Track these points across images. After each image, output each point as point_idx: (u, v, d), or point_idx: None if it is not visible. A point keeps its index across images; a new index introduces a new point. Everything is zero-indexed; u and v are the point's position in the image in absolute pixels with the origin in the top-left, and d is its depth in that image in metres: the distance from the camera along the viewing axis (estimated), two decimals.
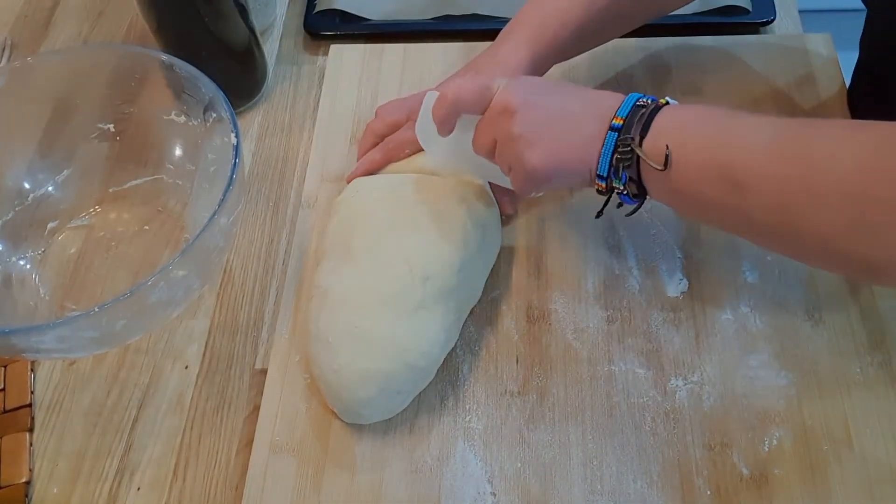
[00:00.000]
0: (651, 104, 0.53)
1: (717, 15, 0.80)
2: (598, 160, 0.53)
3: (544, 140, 0.54)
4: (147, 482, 0.59)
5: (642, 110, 0.52)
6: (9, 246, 0.66)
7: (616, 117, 0.53)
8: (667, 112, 0.52)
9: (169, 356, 0.64)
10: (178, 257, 0.52)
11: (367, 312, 0.57)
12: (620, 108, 0.53)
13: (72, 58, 0.69)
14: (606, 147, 0.53)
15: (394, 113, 0.67)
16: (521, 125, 0.54)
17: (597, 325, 0.62)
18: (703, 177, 0.50)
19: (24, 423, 0.61)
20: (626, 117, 0.52)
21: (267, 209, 0.72)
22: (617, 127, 0.52)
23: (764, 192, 0.48)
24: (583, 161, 0.54)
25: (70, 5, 0.90)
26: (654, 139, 0.51)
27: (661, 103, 0.53)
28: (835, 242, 0.46)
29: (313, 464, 0.57)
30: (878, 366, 0.59)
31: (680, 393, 0.58)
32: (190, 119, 0.66)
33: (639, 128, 0.52)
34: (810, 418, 0.57)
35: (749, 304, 0.62)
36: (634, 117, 0.52)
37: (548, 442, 0.57)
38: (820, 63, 0.75)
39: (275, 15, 0.86)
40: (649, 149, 0.51)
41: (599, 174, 0.54)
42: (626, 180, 0.53)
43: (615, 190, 0.54)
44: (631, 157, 0.52)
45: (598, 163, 0.53)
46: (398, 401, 0.58)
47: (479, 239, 0.61)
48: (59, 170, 0.69)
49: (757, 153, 0.49)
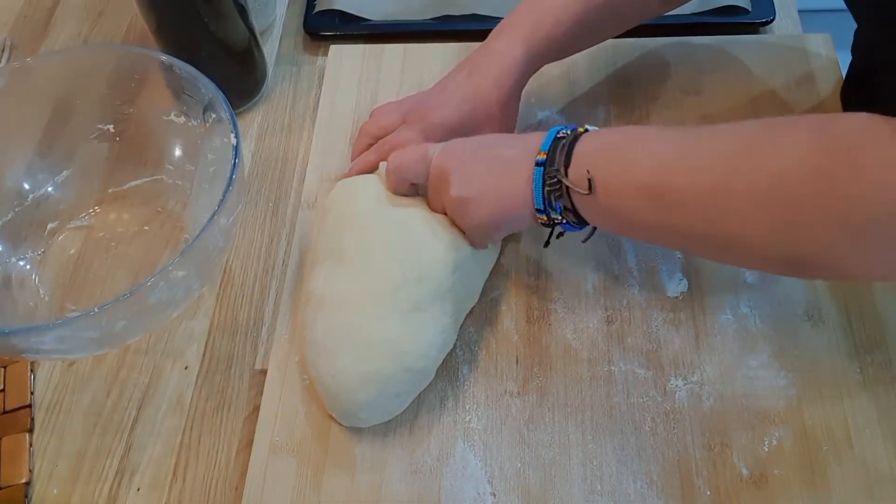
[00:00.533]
0: (570, 134, 0.55)
1: (716, 15, 0.80)
2: (533, 197, 0.55)
3: (481, 196, 0.57)
4: (147, 483, 0.59)
5: (562, 141, 0.54)
6: (8, 246, 0.66)
7: (540, 152, 0.55)
8: (586, 139, 0.54)
9: (169, 356, 0.64)
10: (177, 258, 0.52)
11: (363, 315, 0.57)
12: (543, 143, 0.55)
13: (71, 58, 0.69)
14: (536, 182, 0.55)
15: (389, 115, 0.67)
16: (457, 187, 0.57)
17: (597, 325, 0.62)
18: (630, 197, 0.52)
19: (24, 423, 0.61)
20: (548, 151, 0.54)
21: (267, 209, 0.72)
22: (541, 162, 0.54)
23: (688, 206, 0.50)
24: (521, 203, 0.56)
25: (70, 5, 0.90)
26: (576, 167, 0.53)
27: (580, 132, 0.55)
28: (761, 246, 0.48)
29: (313, 464, 0.57)
30: (878, 366, 0.59)
31: (680, 393, 0.58)
32: (190, 119, 0.66)
33: (562, 158, 0.54)
34: (810, 418, 0.57)
35: (749, 304, 0.62)
36: (556, 149, 0.54)
37: (548, 442, 0.57)
38: (819, 63, 0.75)
39: (274, 15, 0.86)
40: (574, 176, 0.53)
41: (537, 208, 0.55)
42: (560, 210, 0.55)
43: (555, 221, 0.56)
44: (560, 188, 0.54)
45: (532, 199, 0.55)
46: (397, 403, 0.58)
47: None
48: (59, 170, 0.69)
49: (678, 168, 0.50)
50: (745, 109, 0.72)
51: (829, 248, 0.46)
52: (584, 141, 0.54)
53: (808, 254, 0.47)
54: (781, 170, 0.46)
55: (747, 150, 0.48)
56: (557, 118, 0.73)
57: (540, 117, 0.73)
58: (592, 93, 0.75)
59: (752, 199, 0.47)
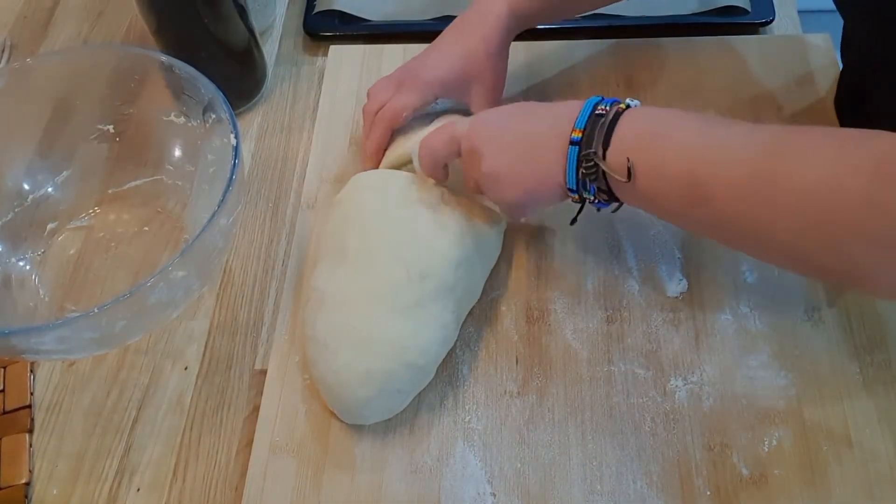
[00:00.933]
0: (611, 111, 0.52)
1: (716, 15, 0.80)
2: (565, 177, 0.54)
3: (512, 172, 0.56)
4: (147, 483, 0.59)
5: (602, 119, 0.52)
6: (8, 247, 0.66)
7: (575, 130, 0.53)
8: (628, 119, 0.52)
9: (169, 357, 0.64)
10: (177, 258, 0.52)
11: (365, 312, 0.57)
12: (578, 119, 0.53)
13: (71, 58, 0.69)
14: (570, 163, 0.53)
15: (384, 90, 0.68)
16: (487, 163, 0.56)
17: (596, 325, 0.62)
18: (671, 187, 0.51)
19: (24, 424, 0.61)
20: (584, 129, 0.52)
21: (266, 210, 0.72)
22: (576, 141, 0.52)
23: (729, 205, 0.49)
24: (552, 182, 0.55)
25: (70, 6, 0.90)
26: (616, 151, 0.51)
27: (622, 108, 0.53)
28: (797, 252, 0.47)
29: (313, 464, 0.57)
30: (878, 366, 0.59)
31: (679, 393, 0.58)
32: (189, 120, 0.66)
33: (600, 139, 0.52)
34: (810, 418, 0.57)
35: (749, 304, 0.62)
36: (594, 128, 0.52)
37: (547, 442, 0.57)
38: (819, 63, 0.75)
39: (274, 16, 0.86)
40: (613, 161, 0.51)
41: (570, 188, 0.54)
42: (594, 192, 0.54)
43: (588, 200, 0.55)
44: (596, 171, 0.52)
45: (565, 179, 0.54)
46: (398, 400, 0.58)
47: (477, 237, 0.62)
48: (59, 171, 0.69)
49: (724, 166, 0.49)
50: (745, 109, 0.72)
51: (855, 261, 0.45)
52: (626, 121, 0.52)
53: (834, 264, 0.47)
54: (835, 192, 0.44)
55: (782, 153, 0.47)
56: None
57: None
58: (592, 93, 0.74)
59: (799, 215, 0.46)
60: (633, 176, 0.51)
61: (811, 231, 0.46)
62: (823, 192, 0.44)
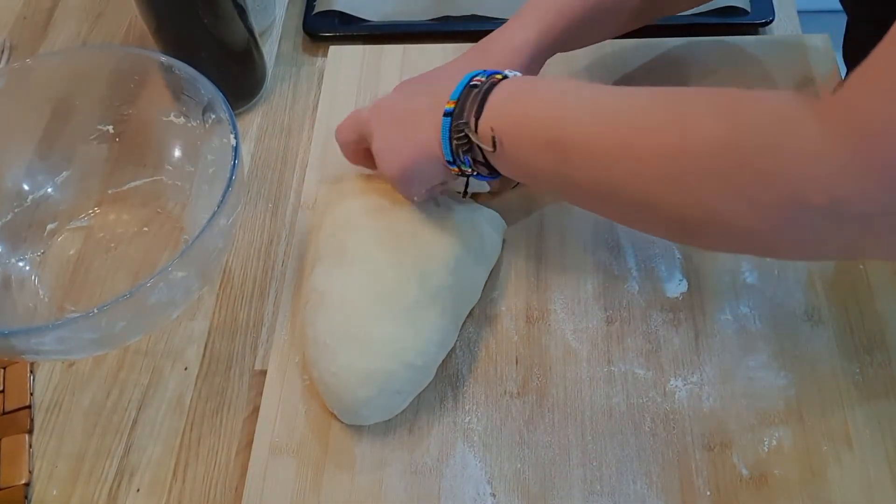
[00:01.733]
0: (486, 81, 0.52)
1: (715, 15, 0.80)
2: (442, 149, 0.54)
3: (394, 146, 0.57)
4: (146, 483, 0.59)
5: (475, 90, 0.52)
6: (8, 247, 0.66)
7: (449, 101, 0.53)
8: (500, 88, 0.52)
9: (168, 357, 0.64)
10: (177, 258, 0.52)
11: (364, 313, 0.57)
12: (454, 92, 0.53)
13: (71, 59, 0.69)
14: (444, 134, 0.53)
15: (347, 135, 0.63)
16: (377, 140, 0.57)
17: (596, 325, 0.62)
18: (534, 151, 0.50)
19: (24, 424, 0.61)
20: (458, 100, 0.52)
21: (266, 210, 0.72)
22: (449, 112, 0.52)
23: (587, 160, 0.48)
24: (432, 155, 0.55)
25: (69, 6, 0.90)
26: (485, 121, 0.51)
27: (497, 79, 0.53)
28: (653, 204, 0.46)
29: (313, 465, 0.57)
30: (877, 366, 0.59)
31: (679, 393, 0.58)
32: (189, 120, 0.66)
33: (472, 109, 0.52)
34: (810, 418, 0.57)
35: (748, 304, 0.62)
36: (467, 100, 0.52)
37: (547, 443, 0.57)
38: (818, 63, 0.75)
39: (274, 16, 0.86)
40: (483, 131, 0.51)
41: (447, 160, 0.54)
42: (470, 163, 0.54)
43: (467, 173, 0.55)
44: (468, 142, 0.52)
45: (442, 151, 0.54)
46: (398, 401, 0.58)
47: (475, 237, 0.62)
48: (59, 171, 0.69)
49: (581, 123, 0.48)
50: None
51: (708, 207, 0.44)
52: (498, 91, 0.52)
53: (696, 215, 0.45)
54: (690, 139, 0.43)
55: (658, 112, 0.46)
56: None
57: None
58: None
59: (653, 164, 0.45)
60: (499, 143, 0.51)
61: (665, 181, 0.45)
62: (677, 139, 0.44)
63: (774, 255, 0.59)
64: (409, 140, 0.56)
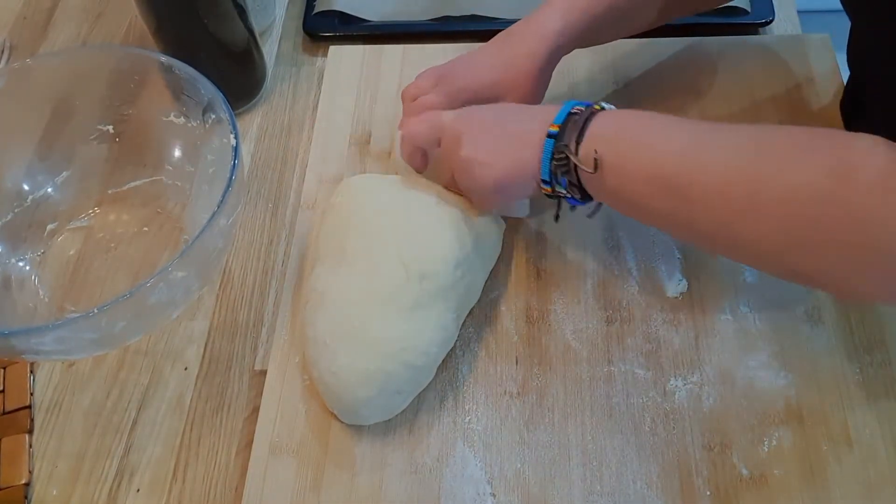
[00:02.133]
0: (585, 111, 0.55)
1: (716, 15, 0.80)
2: (540, 167, 0.55)
3: (489, 158, 0.57)
4: (146, 483, 0.59)
5: (576, 117, 0.55)
6: (8, 247, 0.66)
7: (552, 125, 0.55)
8: (600, 118, 0.54)
9: (168, 357, 0.64)
10: (177, 258, 0.52)
11: (364, 313, 0.57)
12: (557, 116, 0.55)
13: (71, 59, 0.69)
14: (545, 154, 0.55)
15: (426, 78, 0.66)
16: (466, 148, 0.58)
17: (596, 325, 0.62)
18: (637, 182, 0.52)
19: (24, 424, 0.61)
20: (561, 124, 0.55)
21: (266, 210, 0.72)
22: (553, 134, 0.55)
23: (709, 206, 0.50)
24: (528, 171, 0.56)
25: (69, 7, 0.90)
26: (587, 145, 0.53)
27: (596, 109, 0.55)
28: (772, 256, 0.49)
29: (313, 465, 0.57)
30: (877, 366, 0.59)
31: (679, 393, 0.58)
32: (189, 120, 0.66)
33: (573, 134, 0.54)
34: (810, 418, 0.57)
35: (748, 304, 0.62)
36: (568, 124, 0.54)
37: (547, 443, 0.57)
38: (818, 64, 0.75)
39: (274, 16, 0.86)
40: (583, 154, 0.53)
41: (543, 180, 0.56)
42: (566, 185, 0.55)
43: (560, 194, 0.56)
44: (567, 163, 0.54)
45: (539, 170, 0.56)
46: (398, 401, 0.58)
47: (477, 237, 0.62)
48: (59, 171, 0.69)
49: (689, 162, 0.50)
50: (744, 109, 0.72)
51: (832, 269, 0.47)
52: (597, 120, 0.54)
53: (811, 270, 0.48)
54: (793, 185, 0.46)
55: (762, 157, 0.48)
56: None
57: None
58: (592, 93, 0.75)
59: (758, 210, 0.47)
60: (600, 168, 0.52)
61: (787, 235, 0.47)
62: (802, 199, 0.45)
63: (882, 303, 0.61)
64: (507, 156, 0.57)
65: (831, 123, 0.70)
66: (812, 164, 0.46)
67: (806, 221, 0.46)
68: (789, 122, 0.71)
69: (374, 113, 0.75)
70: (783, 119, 0.71)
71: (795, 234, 0.46)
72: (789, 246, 0.47)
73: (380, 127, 0.74)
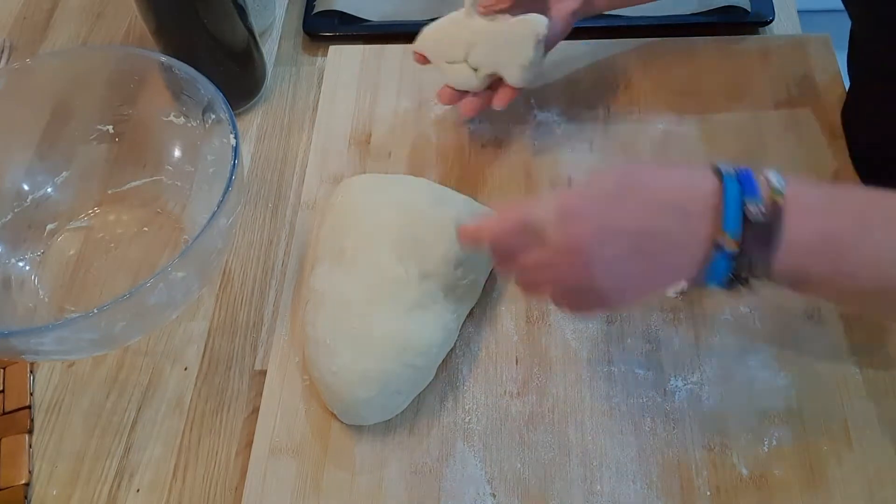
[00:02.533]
0: (766, 210, 0.42)
1: (716, 15, 0.80)
2: (705, 278, 0.45)
3: (634, 282, 0.46)
4: (146, 483, 0.59)
5: (758, 227, 0.42)
6: (8, 248, 0.66)
7: (723, 233, 0.42)
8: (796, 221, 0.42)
9: (168, 358, 0.64)
10: (177, 259, 0.52)
11: (364, 313, 0.57)
12: (726, 221, 0.42)
13: (71, 60, 0.69)
14: (716, 271, 0.44)
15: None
16: (599, 275, 0.45)
17: (596, 325, 0.62)
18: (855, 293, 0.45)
19: (24, 424, 0.61)
20: (739, 240, 0.42)
21: (266, 210, 0.72)
22: (731, 255, 0.43)
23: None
24: (681, 277, 0.46)
25: (69, 7, 0.90)
26: (786, 260, 0.42)
27: (778, 203, 0.42)
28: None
29: (313, 465, 0.57)
30: (878, 366, 0.58)
31: (679, 393, 0.58)
32: (189, 120, 0.66)
33: (765, 252, 0.42)
34: (810, 418, 0.57)
35: (748, 304, 0.62)
36: (750, 237, 0.42)
37: (547, 443, 0.57)
38: (819, 63, 0.75)
39: (274, 16, 0.86)
40: (780, 270, 0.43)
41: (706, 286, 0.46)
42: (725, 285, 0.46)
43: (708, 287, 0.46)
44: (749, 283, 0.44)
45: (702, 278, 0.45)
46: (398, 401, 0.58)
47: None
48: (58, 171, 0.69)
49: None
50: (744, 110, 0.72)
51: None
52: (795, 225, 0.42)
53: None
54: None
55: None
56: (556, 119, 0.73)
57: (539, 118, 0.73)
58: (592, 93, 0.75)
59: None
60: (807, 285, 0.44)
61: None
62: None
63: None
64: (653, 270, 0.45)
65: (831, 124, 0.70)
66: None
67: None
68: (789, 121, 0.71)
69: (374, 113, 0.75)
70: (783, 119, 0.71)
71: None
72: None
73: (380, 127, 0.74)
